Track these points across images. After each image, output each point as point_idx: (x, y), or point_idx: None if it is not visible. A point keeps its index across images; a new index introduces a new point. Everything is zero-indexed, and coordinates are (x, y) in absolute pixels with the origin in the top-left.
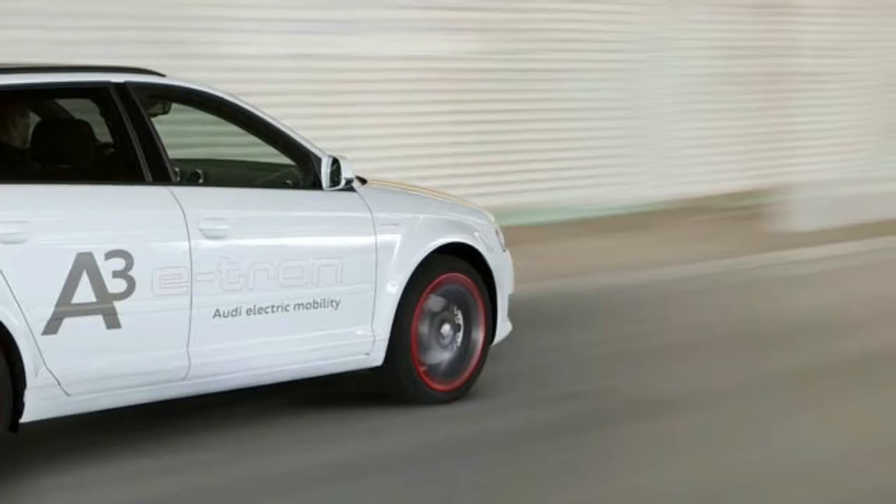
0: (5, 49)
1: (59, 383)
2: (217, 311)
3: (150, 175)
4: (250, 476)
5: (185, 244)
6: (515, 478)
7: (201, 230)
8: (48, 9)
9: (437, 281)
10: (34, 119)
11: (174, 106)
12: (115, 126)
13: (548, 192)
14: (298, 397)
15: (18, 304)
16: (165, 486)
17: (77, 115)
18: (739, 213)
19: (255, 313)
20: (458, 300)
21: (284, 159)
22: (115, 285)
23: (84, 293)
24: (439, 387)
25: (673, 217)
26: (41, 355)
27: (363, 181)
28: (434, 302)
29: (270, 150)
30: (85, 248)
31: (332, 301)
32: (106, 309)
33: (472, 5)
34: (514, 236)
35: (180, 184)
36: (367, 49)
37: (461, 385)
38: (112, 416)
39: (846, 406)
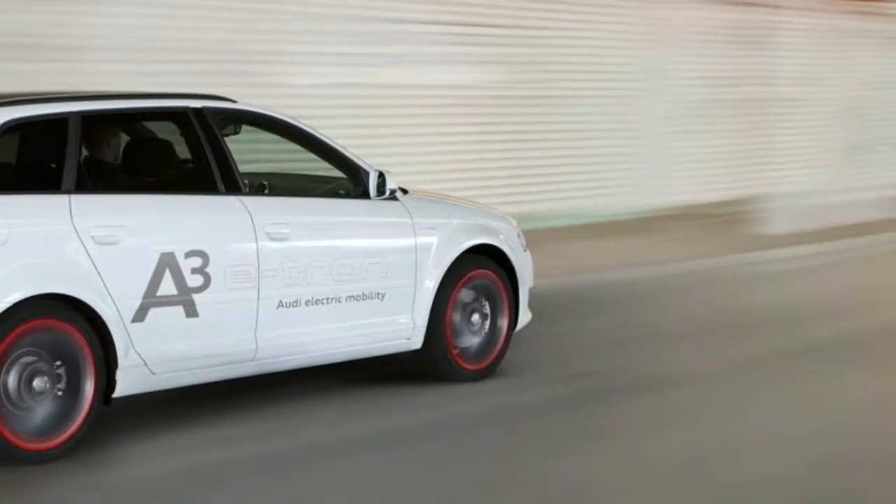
0: (97, 79)
1: (145, 364)
2: (280, 302)
3: (223, 186)
4: (307, 443)
5: (253, 245)
6: (533, 444)
7: (267, 233)
8: (134, 45)
9: (467, 276)
10: (124, 138)
11: (244, 127)
12: (193, 144)
13: (560, 200)
14: (349, 376)
15: (111, 297)
16: (235, 452)
17: (161, 135)
18: (724, 219)
19: (312, 304)
20: (485, 293)
21: (337, 173)
22: (194, 280)
23: (167, 287)
24: (470, 367)
25: (667, 222)
26: (130, 340)
27: (405, 191)
28: (465, 294)
29: (325, 164)
30: (168, 248)
31: (378, 294)
32: (186, 300)
33: (494, 42)
34: (533, 238)
35: (249, 194)
36: (406, 79)
37: (488, 365)
38: (190, 392)
39: (813, 385)
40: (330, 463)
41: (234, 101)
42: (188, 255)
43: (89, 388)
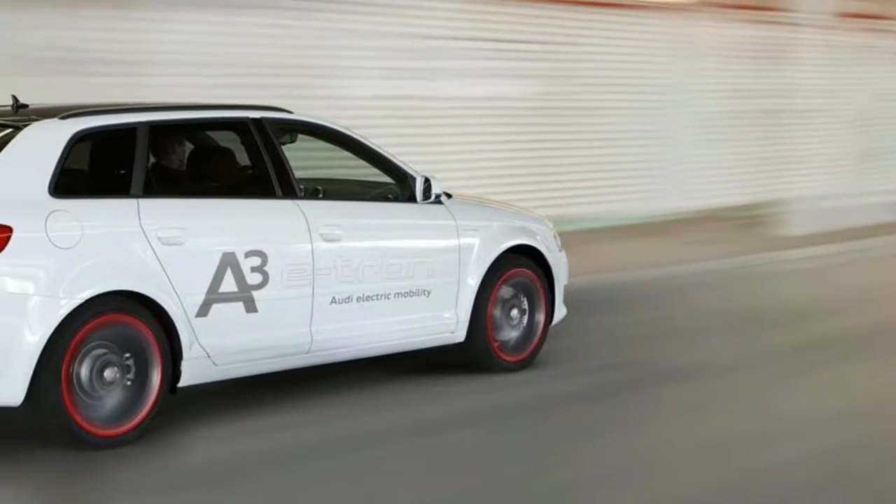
0: (163, 91)
1: (208, 356)
2: (333, 298)
3: (280, 191)
4: (358, 429)
5: (308, 246)
6: (568, 430)
7: (321, 234)
8: (198, 60)
9: (507, 275)
10: (189, 147)
11: (299, 136)
12: (252, 152)
13: (592, 204)
14: (396, 367)
15: (177, 294)
16: (291, 437)
17: (222, 144)
18: (744, 222)
19: (363, 300)
20: (524, 290)
21: (386, 178)
22: (253, 278)
23: (228, 284)
24: (509, 358)
25: (691, 225)
26: (194, 334)
27: (449, 196)
28: (505, 291)
29: (375, 171)
30: (229, 248)
31: (424, 291)
32: (246, 297)
33: (530, 57)
34: (567, 239)
35: (304, 198)
36: (449, 91)
37: (527, 357)
38: (250, 382)
39: (825, 374)
40: (379, 448)
41: (290, 112)
42: (248, 254)
43: (156, 378)
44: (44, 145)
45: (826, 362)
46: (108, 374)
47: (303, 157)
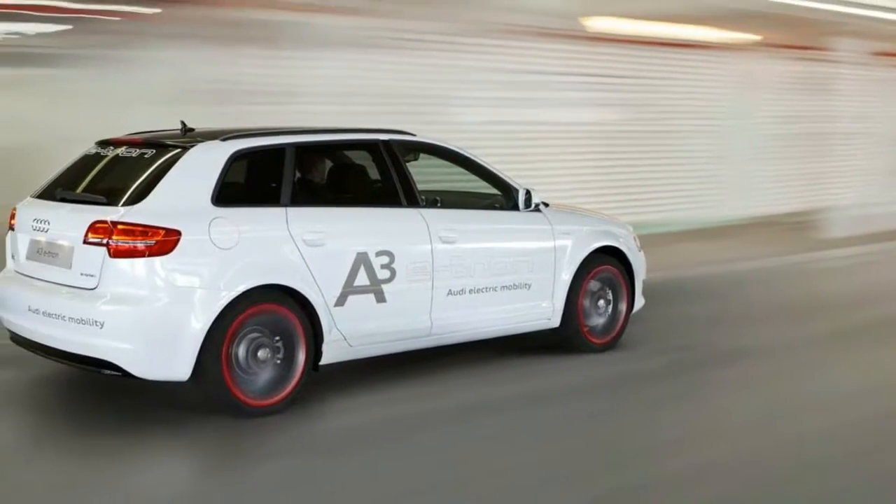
0: (307, 117)
1: (345, 339)
2: (449, 290)
3: (405, 201)
4: (471, 400)
5: (428, 247)
6: (644, 401)
7: (439, 237)
8: (337, 91)
9: (595, 271)
10: (328, 164)
11: (421, 155)
12: (382, 168)
13: (666, 212)
14: (502, 349)
15: (318, 287)
16: (415, 407)
17: (357, 161)
18: (793, 226)
19: (474, 292)
20: (609, 283)
21: (494, 190)
22: (383, 274)
23: (362, 279)
24: (596, 341)
25: (748, 229)
26: (333, 320)
27: (546, 204)
28: (593, 284)
29: (484, 184)
30: (362, 249)
31: (525, 284)
32: (376, 290)
33: (615, 89)
34: (645, 241)
35: (425, 207)
36: (547, 117)
37: (611, 340)
38: (379, 361)
39: (860, 355)
40: (489, 416)
41: (413, 135)
42: (378, 254)
43: (301, 357)
44: (207, 163)
45: (862, 345)
46: (262, 354)
47: (424, 173)
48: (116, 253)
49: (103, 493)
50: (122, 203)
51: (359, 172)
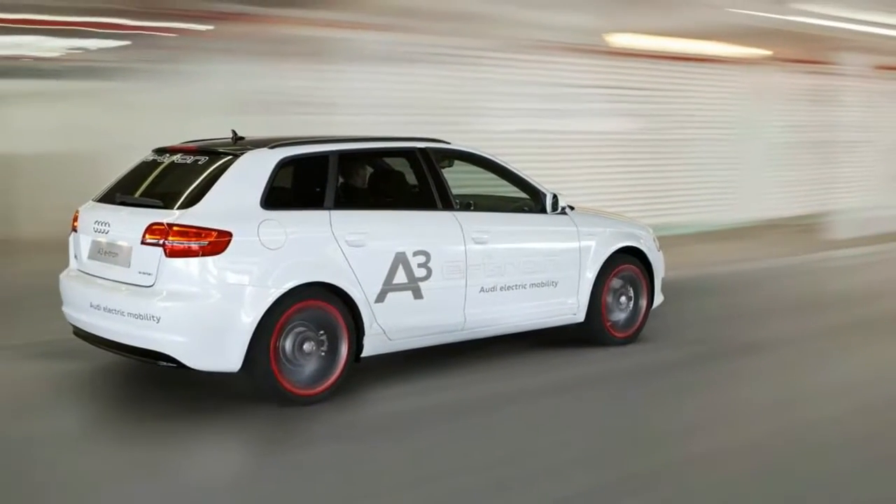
0: (350, 127)
1: (384, 332)
2: (482, 288)
3: (440, 204)
4: (503, 389)
5: (462, 247)
6: (663, 390)
7: (472, 238)
8: (377, 102)
9: (617, 269)
10: (369, 170)
11: (455, 161)
12: (419, 174)
13: (683, 215)
14: (530, 342)
15: (360, 284)
16: (449, 396)
17: (396, 167)
18: (802, 228)
19: (505, 290)
20: (630, 281)
21: (523, 194)
22: (420, 272)
23: (400, 277)
24: (619, 335)
25: (760, 231)
26: (374, 315)
27: (572, 208)
28: (615, 282)
29: (514, 188)
30: (400, 249)
31: (552, 282)
32: (414, 287)
33: (636, 100)
34: (664, 242)
35: (459, 210)
36: (573, 126)
37: (632, 334)
38: (417, 354)
39: (867, 347)
40: (520, 404)
41: (448, 143)
42: (415, 254)
43: (344, 350)
44: (256, 169)
45: (867, 337)
46: (307, 346)
47: (458, 178)
48: (172, 253)
49: (159, 476)
50: (177, 206)
51: (397, 178)
